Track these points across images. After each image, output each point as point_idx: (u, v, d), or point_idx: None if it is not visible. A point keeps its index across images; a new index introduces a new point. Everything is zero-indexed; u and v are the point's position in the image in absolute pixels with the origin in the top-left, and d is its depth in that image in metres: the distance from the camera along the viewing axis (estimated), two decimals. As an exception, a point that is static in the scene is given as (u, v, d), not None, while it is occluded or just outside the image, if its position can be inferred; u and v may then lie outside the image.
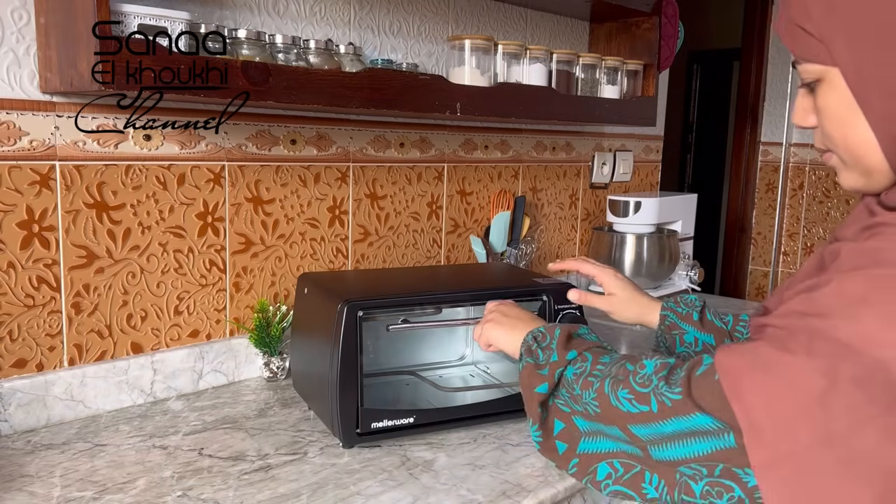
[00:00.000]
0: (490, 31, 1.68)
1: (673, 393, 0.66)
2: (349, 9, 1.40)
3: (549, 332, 0.84)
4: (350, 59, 1.26)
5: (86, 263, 1.12)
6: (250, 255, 1.32)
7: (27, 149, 1.04)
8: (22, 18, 1.02)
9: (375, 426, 1.03)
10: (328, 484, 0.93)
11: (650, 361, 0.72)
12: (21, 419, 1.06)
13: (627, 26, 1.83)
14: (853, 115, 0.64)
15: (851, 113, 0.64)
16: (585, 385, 0.75)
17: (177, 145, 1.20)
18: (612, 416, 0.72)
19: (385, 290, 1.13)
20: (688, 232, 2.13)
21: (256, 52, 1.11)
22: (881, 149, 0.64)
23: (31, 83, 1.04)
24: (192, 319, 1.26)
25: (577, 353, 0.79)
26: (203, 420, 1.13)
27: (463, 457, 1.02)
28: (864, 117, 0.63)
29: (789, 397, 0.58)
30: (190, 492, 0.90)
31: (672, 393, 0.66)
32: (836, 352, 0.57)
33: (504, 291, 1.15)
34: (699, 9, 3.66)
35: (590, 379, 0.75)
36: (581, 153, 2.01)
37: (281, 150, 1.34)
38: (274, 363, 1.31)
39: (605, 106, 1.65)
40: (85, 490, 0.90)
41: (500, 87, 1.42)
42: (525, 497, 0.92)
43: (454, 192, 1.66)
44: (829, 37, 0.63)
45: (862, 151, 0.65)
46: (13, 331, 1.06)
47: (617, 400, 0.70)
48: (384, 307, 1.06)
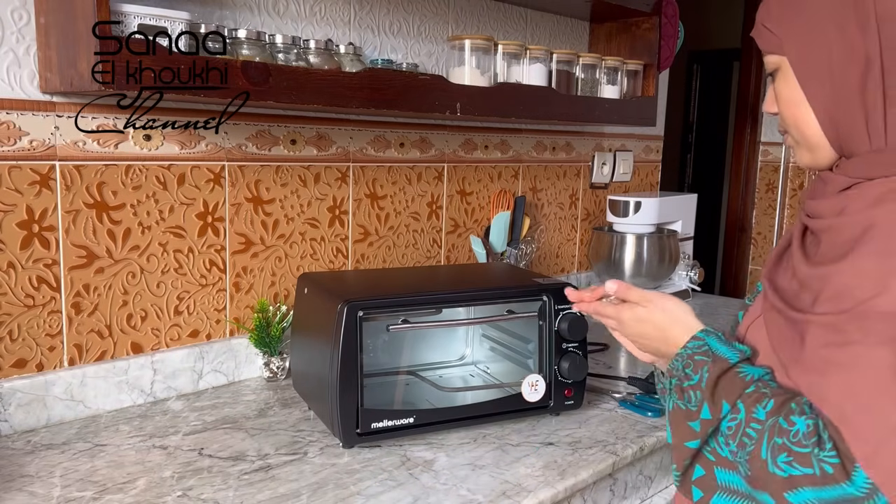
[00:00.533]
0: (490, 31, 1.68)
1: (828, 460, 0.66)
2: (349, 9, 1.40)
3: (698, 367, 0.77)
4: (350, 59, 1.26)
5: (86, 263, 1.12)
6: (250, 255, 1.32)
7: (27, 149, 1.04)
8: (22, 18, 1.02)
9: (375, 426, 1.03)
10: (328, 484, 0.93)
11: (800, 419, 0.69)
12: (21, 419, 1.06)
13: (627, 26, 1.83)
14: (800, 98, 0.77)
15: (798, 96, 0.77)
16: (740, 445, 0.72)
17: (177, 145, 1.20)
18: (765, 482, 0.70)
19: (385, 291, 1.13)
20: (688, 232, 2.13)
21: (256, 52, 1.11)
22: (820, 127, 0.76)
23: (31, 83, 1.04)
24: (192, 319, 1.26)
25: (729, 406, 0.74)
26: (203, 420, 1.13)
27: (463, 457, 1.02)
28: (807, 100, 0.76)
29: (867, 382, 0.64)
30: (190, 492, 0.90)
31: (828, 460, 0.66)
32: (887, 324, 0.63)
33: (504, 291, 1.15)
34: (699, 9, 3.66)
35: (744, 440, 0.72)
36: (581, 153, 2.01)
37: (281, 150, 1.34)
38: (274, 363, 1.31)
39: (605, 106, 1.65)
40: (85, 490, 0.90)
41: (500, 87, 1.42)
42: (525, 497, 0.92)
43: (454, 192, 1.66)
44: (782, 32, 0.77)
45: (806, 129, 0.78)
46: (13, 331, 1.06)
47: (776, 466, 0.68)
48: (384, 307, 1.05)
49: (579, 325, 1.14)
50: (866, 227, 0.70)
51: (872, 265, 0.67)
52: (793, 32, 0.76)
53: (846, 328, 0.66)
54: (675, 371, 0.80)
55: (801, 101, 0.76)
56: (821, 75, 0.74)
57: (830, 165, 0.78)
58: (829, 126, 0.75)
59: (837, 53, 0.73)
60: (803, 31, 0.75)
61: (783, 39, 0.77)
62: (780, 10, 0.77)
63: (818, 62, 0.74)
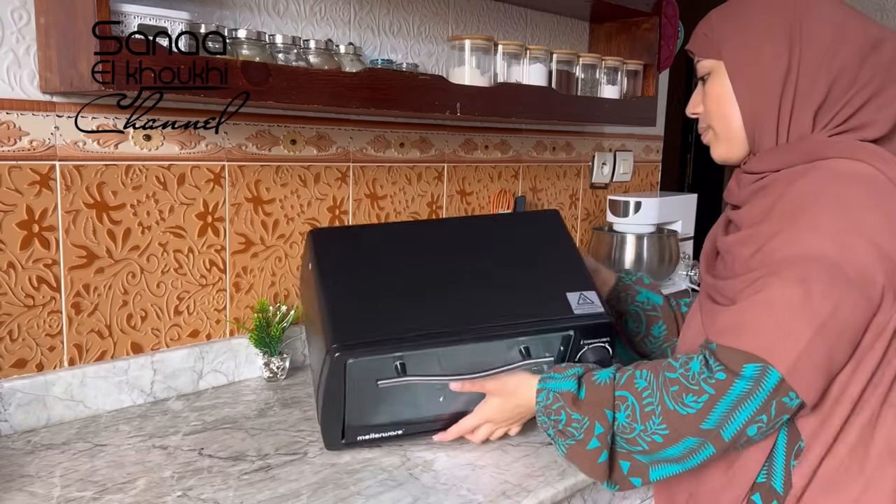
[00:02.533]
0: (490, 31, 1.68)
1: (716, 371, 0.78)
2: (349, 9, 1.40)
3: (559, 411, 0.89)
4: (350, 59, 1.26)
5: (86, 263, 1.12)
6: (250, 255, 1.32)
7: (27, 149, 1.04)
8: (22, 18, 1.02)
9: (361, 439, 1.02)
10: (328, 484, 0.93)
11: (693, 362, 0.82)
12: (21, 419, 1.06)
13: (627, 26, 1.83)
14: (729, 95, 0.90)
15: (728, 94, 0.90)
16: (645, 417, 0.82)
17: (177, 145, 1.20)
18: (682, 429, 0.80)
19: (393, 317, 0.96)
20: (688, 232, 2.13)
21: (256, 52, 1.11)
22: (742, 122, 0.90)
23: (31, 83, 1.04)
24: (192, 319, 1.26)
25: (610, 410, 0.85)
26: (203, 420, 1.13)
27: (463, 457, 1.02)
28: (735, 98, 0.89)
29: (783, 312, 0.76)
30: (190, 492, 0.90)
31: (716, 371, 0.78)
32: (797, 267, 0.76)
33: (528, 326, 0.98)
34: (699, 9, 3.66)
35: (647, 410, 0.82)
36: (581, 153, 2.01)
37: (281, 150, 1.34)
38: (274, 363, 1.31)
39: (605, 106, 1.65)
40: (85, 490, 0.90)
41: (500, 87, 1.42)
42: (525, 497, 0.92)
43: (454, 192, 1.66)
44: (720, 39, 0.91)
45: (731, 123, 0.91)
46: (13, 331, 1.06)
47: (686, 406, 0.79)
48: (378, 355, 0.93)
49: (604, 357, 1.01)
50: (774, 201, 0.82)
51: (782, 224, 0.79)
52: (730, 39, 0.90)
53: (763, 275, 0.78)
54: (546, 424, 0.92)
55: (730, 98, 0.90)
56: (749, 77, 0.88)
57: (740, 161, 0.93)
58: (749, 121, 0.89)
59: (766, 60, 0.86)
60: (739, 39, 0.89)
61: (721, 45, 0.90)
62: (720, 21, 0.91)
63: (749, 65, 0.88)
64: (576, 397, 0.88)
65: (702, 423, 0.78)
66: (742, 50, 0.88)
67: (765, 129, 0.88)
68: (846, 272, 0.75)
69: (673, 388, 0.80)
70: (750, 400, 0.76)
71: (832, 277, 0.75)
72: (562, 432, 0.90)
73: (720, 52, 0.90)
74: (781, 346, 0.75)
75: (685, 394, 0.79)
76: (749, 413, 0.77)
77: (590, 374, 0.90)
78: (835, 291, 0.75)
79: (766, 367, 0.75)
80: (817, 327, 0.75)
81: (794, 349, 0.75)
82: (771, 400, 0.76)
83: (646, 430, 0.82)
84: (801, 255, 0.76)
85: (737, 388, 0.77)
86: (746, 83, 0.88)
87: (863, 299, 0.76)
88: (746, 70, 0.88)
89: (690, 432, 0.80)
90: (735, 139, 0.92)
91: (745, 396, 0.77)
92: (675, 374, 0.81)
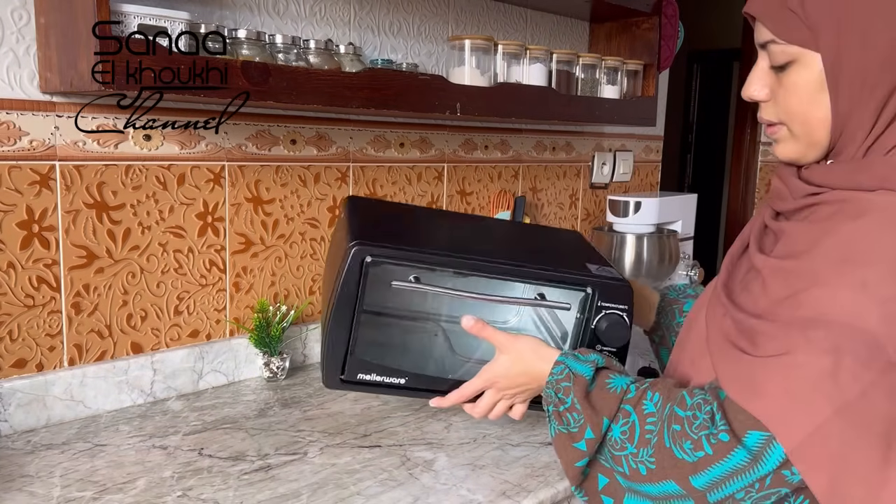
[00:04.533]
0: (490, 31, 1.68)
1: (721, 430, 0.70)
2: (349, 9, 1.40)
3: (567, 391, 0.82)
4: (350, 59, 1.26)
5: (86, 263, 1.12)
6: (250, 255, 1.32)
7: (27, 149, 1.04)
8: (22, 18, 1.02)
9: (362, 377, 0.94)
10: (328, 484, 0.93)
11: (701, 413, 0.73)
12: (21, 419, 1.06)
13: (627, 26, 1.83)
14: (820, 95, 0.73)
15: (819, 93, 0.73)
16: (642, 443, 0.75)
17: (177, 145, 1.20)
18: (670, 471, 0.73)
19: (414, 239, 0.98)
20: (688, 232, 2.13)
21: (256, 52, 1.11)
22: (831, 127, 0.74)
23: (31, 83, 1.04)
24: (192, 319, 1.26)
25: (609, 419, 0.79)
26: (203, 420, 1.13)
27: (463, 457, 1.02)
28: (829, 99, 0.72)
29: (804, 383, 0.66)
30: (190, 492, 0.90)
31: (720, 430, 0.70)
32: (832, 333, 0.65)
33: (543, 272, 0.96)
34: (699, 9, 3.66)
35: (647, 436, 0.75)
36: (581, 153, 2.01)
37: (281, 150, 1.34)
38: (274, 363, 1.31)
39: (605, 106, 1.65)
40: (85, 490, 0.90)
41: (500, 87, 1.42)
42: (525, 497, 0.92)
43: (454, 192, 1.66)
44: (819, 25, 0.70)
45: (817, 128, 0.75)
46: (13, 331, 1.06)
47: (683, 451, 0.72)
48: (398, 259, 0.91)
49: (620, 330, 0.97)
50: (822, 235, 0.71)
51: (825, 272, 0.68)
52: (838, 31, 0.70)
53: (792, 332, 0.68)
54: (550, 398, 0.85)
55: (822, 99, 0.73)
56: (853, 81, 0.71)
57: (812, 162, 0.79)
58: (838, 129, 0.74)
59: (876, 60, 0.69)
60: (853, 34, 0.69)
61: (819, 34, 0.70)
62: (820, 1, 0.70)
63: (856, 67, 0.70)
64: (587, 388, 0.81)
65: (691, 476, 0.72)
66: (852, 44, 0.69)
67: (856, 137, 0.73)
68: (887, 351, 0.64)
69: (675, 427, 0.73)
70: (746, 473, 0.69)
71: (869, 355, 0.64)
72: (560, 415, 0.83)
73: (817, 41, 0.71)
74: (793, 420, 0.66)
75: (684, 439, 0.72)
76: (742, 485, 0.70)
77: (606, 373, 0.83)
78: (867, 374, 0.64)
79: (771, 440, 0.68)
80: (838, 408, 0.65)
81: (806, 426, 0.66)
82: (768, 476, 0.69)
83: (636, 456, 0.76)
84: (838, 319, 0.66)
85: (735, 457, 0.69)
86: (849, 87, 0.71)
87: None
88: (855, 68, 0.70)
89: (676, 479, 0.73)
90: (817, 143, 0.76)
91: (743, 469, 0.69)
92: (683, 413, 0.73)
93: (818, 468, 0.66)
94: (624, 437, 0.77)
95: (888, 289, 0.65)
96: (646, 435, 0.75)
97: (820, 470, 0.66)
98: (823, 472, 0.66)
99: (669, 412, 0.74)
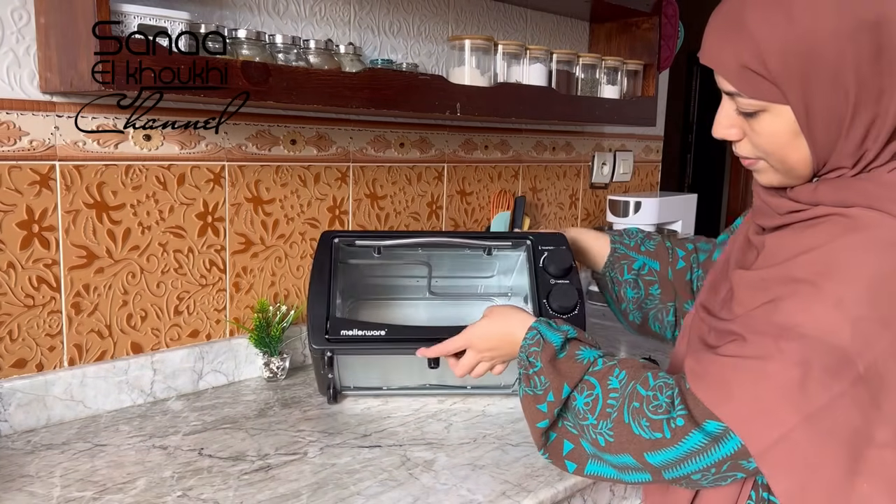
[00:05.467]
0: (490, 31, 1.68)
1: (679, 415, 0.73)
2: (349, 9, 1.40)
3: (536, 356, 0.87)
4: (350, 59, 1.26)
5: (86, 263, 1.12)
6: (250, 255, 1.32)
7: (27, 149, 1.04)
8: (22, 18, 1.02)
9: (345, 334, 1.05)
10: (328, 484, 0.93)
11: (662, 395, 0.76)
12: (21, 419, 1.06)
13: (627, 26, 1.83)
14: (796, 139, 0.73)
15: (794, 138, 0.73)
16: (603, 416, 0.79)
17: (177, 145, 1.20)
18: (627, 445, 0.76)
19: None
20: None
21: (256, 52, 1.11)
22: (812, 163, 0.74)
23: (31, 83, 1.04)
24: (192, 319, 1.26)
25: (570, 387, 0.83)
26: (203, 420, 1.13)
27: (463, 457, 1.02)
28: (806, 142, 0.72)
29: (773, 391, 0.68)
30: (190, 492, 0.90)
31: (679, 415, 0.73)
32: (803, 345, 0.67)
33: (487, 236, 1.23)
34: (699, 9, 3.66)
35: (607, 410, 0.79)
36: (581, 153, 2.01)
37: (281, 150, 1.34)
38: (274, 363, 1.31)
39: (605, 106, 1.65)
40: (85, 490, 0.90)
41: (500, 87, 1.42)
42: (525, 497, 0.92)
43: (454, 192, 1.66)
44: (784, 80, 0.70)
45: (796, 164, 0.75)
46: (13, 331, 1.06)
47: (640, 428, 0.75)
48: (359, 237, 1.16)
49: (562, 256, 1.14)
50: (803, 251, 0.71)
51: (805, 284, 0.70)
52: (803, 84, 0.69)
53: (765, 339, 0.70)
54: (522, 362, 0.89)
55: (798, 142, 0.73)
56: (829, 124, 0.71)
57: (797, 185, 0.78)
58: (821, 162, 0.74)
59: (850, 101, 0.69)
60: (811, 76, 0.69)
61: (786, 90, 0.70)
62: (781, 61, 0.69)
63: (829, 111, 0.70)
64: (555, 355, 0.85)
65: (647, 453, 0.75)
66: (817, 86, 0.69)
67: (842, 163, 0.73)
68: (856, 367, 0.66)
69: (635, 405, 0.76)
70: (702, 456, 0.72)
71: (838, 368, 0.66)
72: (528, 377, 0.87)
73: (785, 95, 0.70)
74: (760, 427, 0.68)
75: (642, 417, 0.75)
76: (698, 467, 0.72)
77: (577, 345, 0.87)
78: (836, 385, 0.66)
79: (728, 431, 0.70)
80: (805, 416, 0.67)
81: (773, 434, 0.68)
82: (725, 462, 0.71)
83: (596, 427, 0.79)
84: (811, 333, 0.67)
85: (691, 440, 0.72)
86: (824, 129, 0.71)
87: (868, 400, 0.67)
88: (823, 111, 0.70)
89: (633, 454, 0.76)
90: (798, 172, 0.76)
91: (699, 452, 0.72)
92: (644, 392, 0.76)
93: (783, 474, 0.69)
94: (587, 409, 0.81)
95: (862, 308, 0.67)
96: (606, 409, 0.79)
97: (784, 476, 0.69)
98: (788, 478, 0.69)
99: (632, 389, 0.78)
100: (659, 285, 1.13)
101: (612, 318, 1.84)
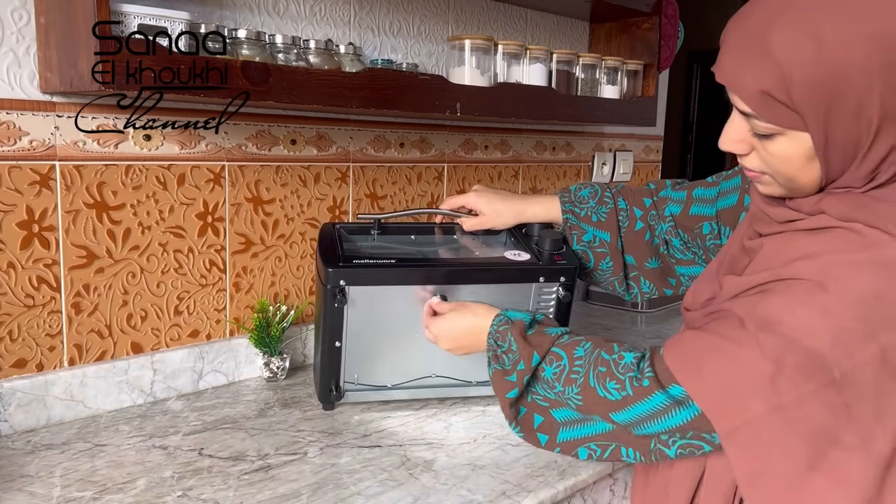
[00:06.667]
0: (490, 31, 1.68)
1: (645, 376, 0.77)
2: (349, 9, 1.40)
3: (505, 335, 0.90)
4: (350, 59, 1.26)
5: (86, 263, 1.12)
6: (250, 255, 1.32)
7: (27, 149, 1.04)
8: (22, 18, 1.02)
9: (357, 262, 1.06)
10: (328, 484, 0.93)
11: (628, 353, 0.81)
12: (21, 419, 1.06)
13: (627, 26, 1.83)
14: (809, 163, 0.71)
15: (808, 162, 0.71)
16: (568, 382, 0.84)
17: (177, 145, 1.20)
18: (595, 408, 0.81)
19: None
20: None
21: (256, 52, 1.11)
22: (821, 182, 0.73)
23: (31, 83, 1.04)
24: (192, 319, 1.26)
25: (539, 356, 0.86)
26: (203, 420, 1.13)
27: (463, 457, 1.02)
28: (820, 166, 0.71)
29: (744, 379, 0.70)
30: (190, 492, 0.90)
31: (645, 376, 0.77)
32: (780, 343, 0.68)
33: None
34: (699, 9, 3.66)
35: (573, 376, 0.83)
36: (581, 153, 2.01)
37: (281, 150, 1.34)
38: (274, 363, 1.31)
39: (605, 106, 1.65)
40: (85, 490, 0.90)
41: (500, 87, 1.42)
42: (525, 497, 0.92)
43: (454, 191, 1.66)
44: (806, 111, 0.67)
45: (805, 184, 0.74)
46: (13, 331, 1.06)
47: (605, 390, 0.80)
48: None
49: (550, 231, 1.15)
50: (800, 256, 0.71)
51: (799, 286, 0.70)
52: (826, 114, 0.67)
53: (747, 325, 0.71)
54: (490, 347, 0.92)
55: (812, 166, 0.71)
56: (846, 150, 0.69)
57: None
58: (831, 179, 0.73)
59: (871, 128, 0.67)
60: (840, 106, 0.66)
61: (807, 118, 0.67)
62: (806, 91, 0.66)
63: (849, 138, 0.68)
64: (524, 329, 0.89)
65: (613, 413, 0.79)
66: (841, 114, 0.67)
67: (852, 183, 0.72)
68: (831, 371, 0.67)
69: (601, 369, 0.81)
70: (667, 416, 0.75)
71: (813, 369, 0.67)
72: (497, 357, 0.90)
73: (806, 123, 0.68)
74: (727, 410, 0.71)
75: (609, 378, 0.79)
76: (664, 427, 0.76)
77: (545, 322, 0.92)
78: (807, 384, 0.67)
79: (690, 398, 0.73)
80: (772, 408, 0.69)
81: (738, 419, 0.70)
82: (688, 428, 0.75)
83: (563, 394, 0.83)
84: (790, 333, 0.68)
85: (655, 399, 0.75)
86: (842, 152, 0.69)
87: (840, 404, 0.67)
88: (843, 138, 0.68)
89: (601, 414, 0.81)
90: (804, 190, 0.74)
91: (663, 411, 0.75)
92: (609, 356, 0.81)
93: (745, 456, 0.71)
94: (554, 378, 0.85)
95: (848, 320, 0.67)
96: (572, 375, 0.83)
97: (746, 458, 0.71)
98: (750, 461, 0.71)
99: (597, 356, 0.82)
100: (610, 257, 1.15)
101: (613, 320, 1.84)
